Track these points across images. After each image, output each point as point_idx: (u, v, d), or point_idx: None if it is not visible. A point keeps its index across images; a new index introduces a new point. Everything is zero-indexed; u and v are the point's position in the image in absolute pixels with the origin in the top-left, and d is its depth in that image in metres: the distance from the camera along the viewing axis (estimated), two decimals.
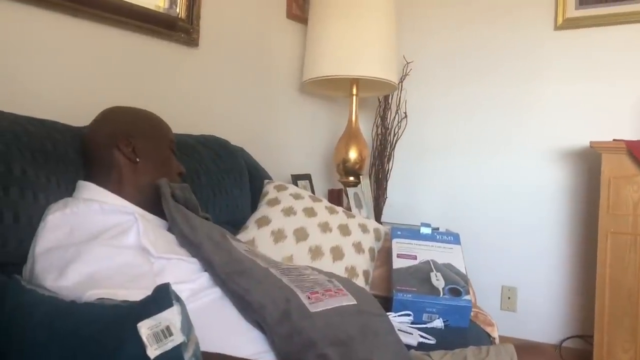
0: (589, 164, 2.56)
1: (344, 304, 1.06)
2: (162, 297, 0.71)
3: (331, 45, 2.36)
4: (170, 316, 0.70)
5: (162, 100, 1.89)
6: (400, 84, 2.76)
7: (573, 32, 2.62)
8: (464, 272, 1.60)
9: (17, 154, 1.05)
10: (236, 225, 1.69)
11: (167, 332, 0.69)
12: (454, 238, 1.70)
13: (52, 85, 1.55)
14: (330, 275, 1.18)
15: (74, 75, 1.62)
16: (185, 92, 2.02)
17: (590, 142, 2.27)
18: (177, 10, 1.91)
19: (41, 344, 0.76)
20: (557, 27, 2.64)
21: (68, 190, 1.16)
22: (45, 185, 1.08)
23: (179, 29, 1.91)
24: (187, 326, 0.71)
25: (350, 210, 2.29)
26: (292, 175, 2.38)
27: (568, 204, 2.64)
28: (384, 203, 2.85)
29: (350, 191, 2.41)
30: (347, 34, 2.33)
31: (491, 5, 2.81)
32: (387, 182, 2.86)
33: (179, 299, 0.72)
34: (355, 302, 1.08)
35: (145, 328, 0.69)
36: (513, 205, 2.76)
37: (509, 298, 2.77)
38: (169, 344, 0.69)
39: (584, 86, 2.60)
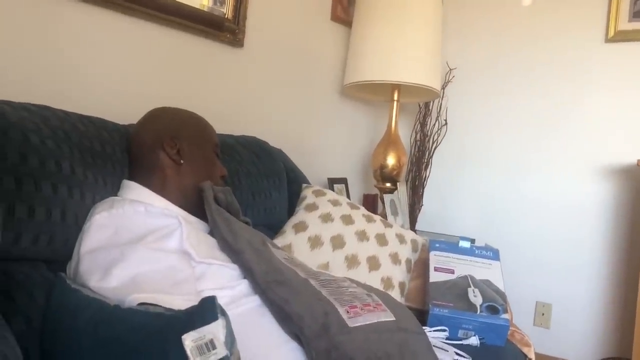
0: (636, 183, 2.48)
1: (383, 319, 1.05)
2: (208, 310, 0.71)
3: (374, 49, 2.33)
4: (215, 329, 0.70)
5: (205, 99, 1.91)
6: (442, 90, 2.72)
7: (624, 45, 2.54)
8: (502, 289, 1.57)
9: (67, 152, 1.06)
10: (273, 228, 1.69)
11: (211, 345, 0.69)
12: (493, 254, 1.67)
13: (101, 81, 1.58)
14: (369, 289, 1.17)
15: (122, 72, 1.64)
16: (228, 92, 2.03)
17: (638, 160, 2.20)
18: (224, 10, 1.92)
19: (86, 349, 0.77)
20: (608, 40, 2.56)
21: (114, 190, 1.17)
22: (92, 184, 1.10)
23: (226, 29, 1.92)
24: (231, 340, 0.71)
25: (386, 217, 2.27)
26: (328, 179, 2.38)
27: (611, 222, 2.57)
28: (419, 211, 2.81)
29: (387, 198, 2.39)
30: (391, 39, 2.31)
31: (540, 15, 2.74)
32: (423, 189, 2.83)
33: (224, 313, 0.71)
34: (394, 319, 1.07)
35: (189, 340, 0.68)
36: (552, 220, 2.69)
37: (542, 314, 2.71)
38: (212, 358, 0.69)
39: (634, 101, 2.52)
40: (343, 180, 2.47)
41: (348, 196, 2.44)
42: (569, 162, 2.66)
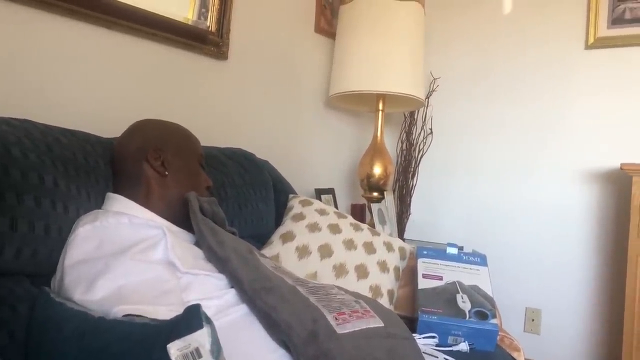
0: (619, 187, 2.50)
1: (371, 326, 1.04)
2: (193, 318, 0.70)
3: (358, 60, 2.35)
4: (200, 338, 0.69)
5: (190, 112, 1.90)
6: (426, 99, 2.74)
7: (604, 52, 2.58)
8: (491, 294, 1.57)
9: (50, 165, 1.05)
10: (260, 239, 1.69)
11: (197, 353, 0.69)
12: (480, 259, 1.67)
13: (83, 96, 1.57)
14: (357, 295, 1.16)
15: (105, 86, 1.63)
16: (213, 105, 2.03)
17: (621, 164, 2.23)
18: (208, 23, 1.92)
19: (70, 358, 0.76)
20: (588, 46, 2.60)
21: (98, 203, 1.16)
22: (76, 197, 1.09)
23: (209, 42, 1.93)
24: (217, 348, 0.71)
25: (374, 226, 2.28)
26: (315, 189, 2.38)
27: (596, 227, 2.59)
28: (407, 219, 2.82)
29: (374, 207, 2.39)
30: (375, 49, 2.33)
31: (521, 23, 2.78)
32: (410, 198, 2.84)
33: (209, 321, 0.71)
34: (383, 325, 1.06)
35: (174, 349, 0.68)
36: (539, 226, 2.71)
37: (532, 320, 2.72)
38: None
39: (615, 107, 2.56)
40: (330, 191, 2.47)
41: (336, 206, 2.44)
42: (554, 167, 2.69)
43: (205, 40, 1.91)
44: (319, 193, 2.36)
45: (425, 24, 2.52)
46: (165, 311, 0.87)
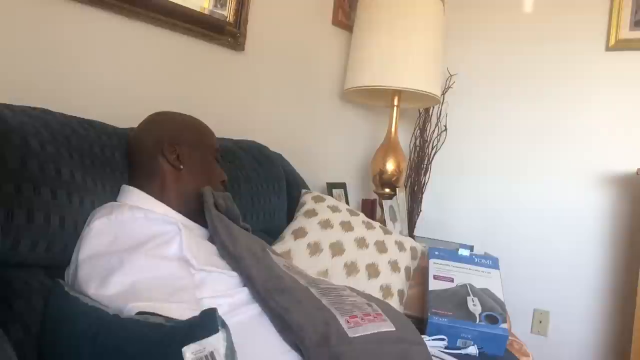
0: (635, 192, 2.48)
1: (383, 330, 1.04)
2: (209, 322, 0.70)
3: (375, 54, 2.33)
4: (215, 342, 0.69)
5: (205, 103, 1.90)
6: (442, 96, 2.72)
7: (625, 54, 2.54)
8: (502, 298, 1.57)
9: (67, 157, 1.05)
10: (272, 234, 1.69)
11: (211, 358, 0.68)
12: (492, 262, 1.67)
13: (102, 84, 1.57)
14: (369, 298, 1.16)
15: (124, 75, 1.63)
16: (228, 96, 2.02)
17: (637, 169, 2.21)
18: (226, 14, 1.91)
19: (85, 356, 0.76)
20: (609, 48, 2.56)
21: (114, 195, 1.16)
22: (92, 190, 1.09)
23: (227, 33, 1.91)
24: (231, 353, 0.70)
25: (384, 223, 2.27)
26: (327, 183, 2.37)
27: (610, 230, 2.56)
28: (418, 217, 2.81)
29: (386, 203, 2.38)
30: (392, 44, 2.30)
31: (541, 22, 2.74)
32: (422, 195, 2.82)
33: (224, 325, 0.71)
34: (394, 329, 1.06)
35: (190, 352, 0.68)
36: (550, 228, 2.69)
37: (540, 322, 2.71)
38: None
39: (633, 110, 2.52)
40: (342, 185, 2.46)
41: (347, 201, 2.43)
42: (569, 169, 2.66)
43: (222, 30, 1.90)
44: (330, 187, 2.35)
45: (444, 19, 2.49)
46: (179, 309, 0.87)
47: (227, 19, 1.92)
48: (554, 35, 2.70)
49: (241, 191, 1.59)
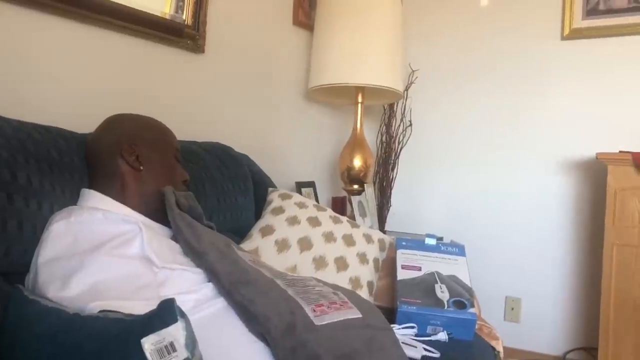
0: (595, 176, 2.54)
1: (350, 317, 1.05)
2: (167, 313, 0.70)
3: (337, 52, 2.35)
4: (175, 332, 0.69)
5: (167, 106, 1.89)
6: (405, 92, 2.75)
7: (580, 43, 2.61)
8: (469, 284, 1.59)
9: (23, 162, 1.04)
10: (240, 233, 1.69)
11: (171, 348, 0.69)
12: (459, 250, 1.69)
13: (57, 91, 1.55)
14: (336, 287, 1.17)
15: (80, 81, 1.61)
16: (190, 99, 2.01)
17: (597, 154, 2.27)
18: (184, 16, 1.91)
19: (45, 357, 0.75)
20: (564, 38, 2.63)
21: (73, 199, 1.15)
22: (50, 194, 1.08)
23: (185, 36, 1.91)
24: (192, 342, 0.71)
25: (354, 219, 2.28)
26: (296, 183, 2.38)
27: (573, 215, 2.63)
28: (388, 211, 2.83)
29: (355, 199, 2.40)
30: (353, 42, 2.33)
31: (498, 15, 2.80)
32: (391, 190, 2.85)
33: (183, 315, 0.71)
34: (361, 316, 1.07)
35: (149, 344, 0.68)
36: (517, 216, 2.74)
37: (512, 309, 2.75)
38: None
39: (590, 97, 2.59)
40: (311, 184, 2.47)
41: (316, 199, 2.44)
42: (532, 157, 2.72)
43: (181, 33, 1.89)
44: (299, 186, 2.36)
45: (403, 16, 2.53)
46: (142, 306, 0.86)
47: (185, 22, 1.91)
48: (511, 27, 2.76)
49: (206, 192, 1.59)
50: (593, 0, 2.55)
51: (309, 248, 1.60)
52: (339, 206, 2.54)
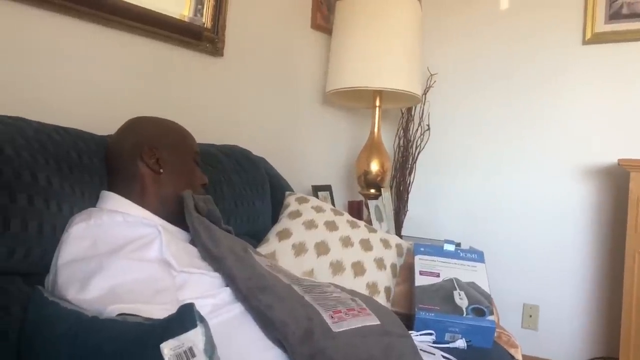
0: (617, 182, 2.50)
1: (368, 324, 1.04)
2: (186, 318, 0.70)
3: (355, 56, 2.34)
4: (194, 337, 0.69)
5: (185, 109, 1.89)
6: (423, 96, 2.73)
7: (601, 47, 2.58)
8: (488, 291, 1.57)
9: (43, 163, 1.05)
10: (257, 237, 1.68)
11: (190, 353, 0.68)
12: (478, 256, 1.67)
13: (78, 93, 1.56)
14: (353, 293, 1.16)
15: (100, 83, 1.62)
16: (208, 102, 2.02)
17: (619, 160, 2.23)
18: (203, 20, 1.91)
19: (64, 358, 0.75)
20: (586, 42, 2.60)
21: (92, 200, 1.15)
22: (69, 195, 1.08)
23: (205, 39, 1.92)
24: (211, 348, 0.70)
25: (371, 223, 2.27)
26: (312, 186, 2.37)
27: (594, 222, 2.59)
28: (405, 216, 2.82)
29: (372, 204, 2.38)
30: (372, 45, 2.32)
31: (517, 19, 2.77)
32: (408, 194, 2.83)
33: (202, 320, 0.70)
34: (379, 322, 1.06)
35: (168, 349, 0.67)
36: (537, 222, 2.71)
37: (530, 316, 2.72)
38: None
39: (612, 102, 2.55)
40: (327, 188, 2.46)
41: (333, 203, 2.44)
42: (552, 163, 2.68)
43: (200, 37, 1.90)
44: (316, 190, 2.36)
45: (422, 19, 2.51)
46: (160, 310, 0.86)
47: (205, 25, 1.92)
48: (531, 31, 2.73)
49: (224, 195, 1.59)
50: (616, 4, 2.51)
51: (326, 252, 1.59)
52: (356, 210, 2.53)
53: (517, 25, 2.78)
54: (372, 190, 2.51)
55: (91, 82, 1.60)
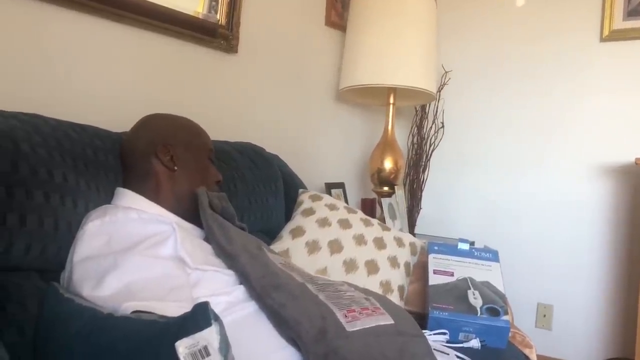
0: (634, 181, 2.47)
1: (382, 323, 1.03)
2: (201, 316, 0.69)
3: (369, 53, 2.33)
4: (209, 336, 0.69)
5: (200, 106, 1.90)
6: (438, 93, 2.71)
7: (620, 44, 2.54)
8: (503, 291, 1.56)
9: (59, 160, 1.05)
10: (270, 234, 1.68)
11: (205, 352, 0.68)
12: (492, 255, 1.65)
13: (93, 90, 1.57)
14: (367, 292, 1.15)
15: (115, 80, 1.63)
16: (222, 99, 2.02)
17: (636, 159, 2.20)
18: (217, 16, 1.91)
19: (78, 357, 0.76)
20: (603, 39, 2.56)
21: (108, 197, 1.16)
22: (85, 192, 1.08)
23: (219, 36, 1.91)
24: (225, 346, 0.70)
25: (384, 221, 2.26)
26: (325, 184, 2.37)
27: (610, 221, 2.55)
28: (418, 214, 2.80)
29: (385, 202, 2.37)
30: (386, 42, 2.30)
31: (534, 15, 2.74)
32: (421, 192, 2.81)
33: (217, 318, 0.70)
34: (393, 322, 1.05)
35: (183, 347, 0.67)
36: (551, 221, 2.68)
37: (544, 316, 2.69)
38: None
39: (630, 100, 2.52)
40: (340, 185, 2.46)
41: (346, 201, 2.43)
42: (567, 161, 2.65)
43: (214, 33, 1.90)
44: (329, 187, 2.35)
45: (437, 16, 2.49)
46: (175, 307, 0.86)
47: (219, 22, 1.92)
48: (548, 28, 2.70)
49: (238, 192, 1.59)
50: (635, 0, 2.47)
51: (340, 250, 1.58)
52: (369, 208, 2.52)
53: (533, 22, 2.75)
54: (386, 188, 2.50)
55: (106, 79, 1.60)
